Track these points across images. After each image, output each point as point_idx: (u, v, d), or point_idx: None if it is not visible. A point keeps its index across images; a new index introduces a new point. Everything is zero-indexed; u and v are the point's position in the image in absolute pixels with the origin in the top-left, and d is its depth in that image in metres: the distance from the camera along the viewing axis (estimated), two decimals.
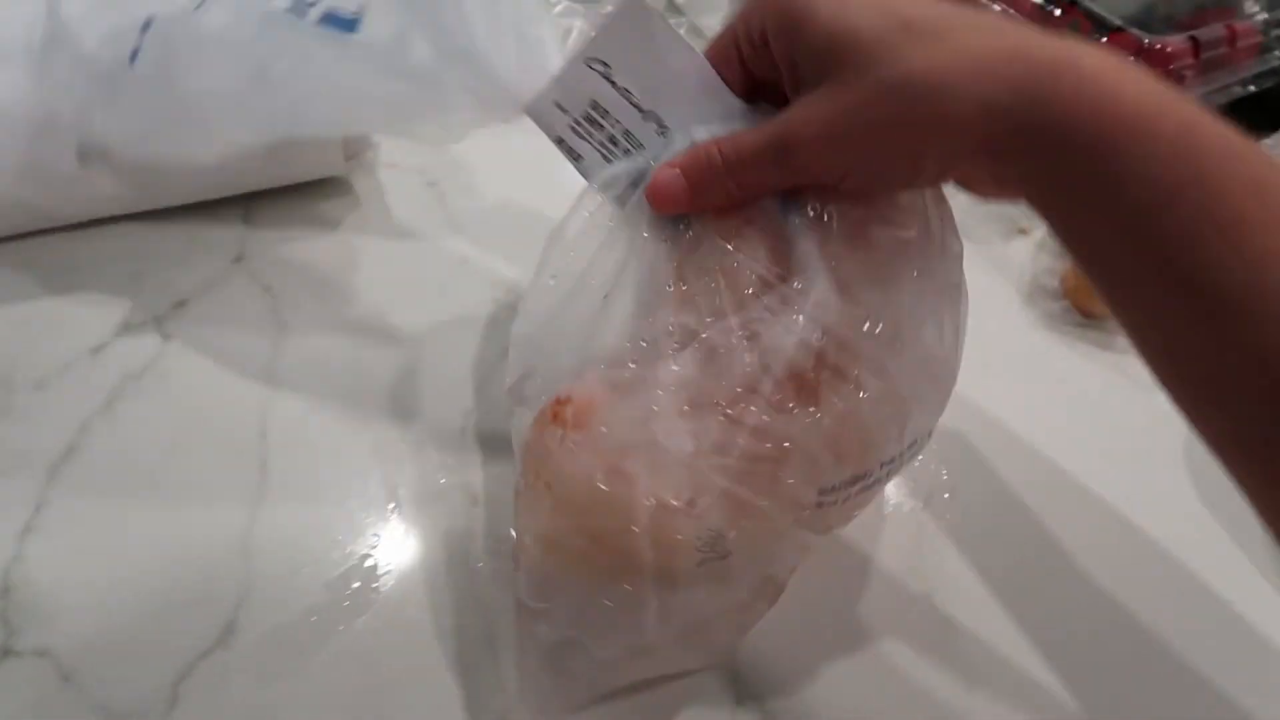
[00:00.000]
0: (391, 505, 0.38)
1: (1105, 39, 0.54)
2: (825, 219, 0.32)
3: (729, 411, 0.31)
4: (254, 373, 0.41)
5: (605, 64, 0.35)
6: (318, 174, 0.48)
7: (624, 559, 0.31)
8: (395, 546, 0.37)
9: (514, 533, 0.33)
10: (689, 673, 0.34)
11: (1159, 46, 0.53)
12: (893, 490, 0.41)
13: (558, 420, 0.33)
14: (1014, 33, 0.27)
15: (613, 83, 0.35)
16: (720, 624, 0.33)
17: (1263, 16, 0.59)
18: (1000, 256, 0.55)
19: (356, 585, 0.36)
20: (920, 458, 0.36)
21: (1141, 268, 0.26)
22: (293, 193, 0.49)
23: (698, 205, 0.32)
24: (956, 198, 0.33)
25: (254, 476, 0.38)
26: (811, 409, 0.31)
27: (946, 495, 0.42)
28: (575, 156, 0.37)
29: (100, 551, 0.35)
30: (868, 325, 0.32)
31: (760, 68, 0.33)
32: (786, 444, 0.31)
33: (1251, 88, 0.58)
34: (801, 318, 0.31)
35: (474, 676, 0.34)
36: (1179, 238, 0.25)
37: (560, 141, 0.37)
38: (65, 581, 0.34)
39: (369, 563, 0.36)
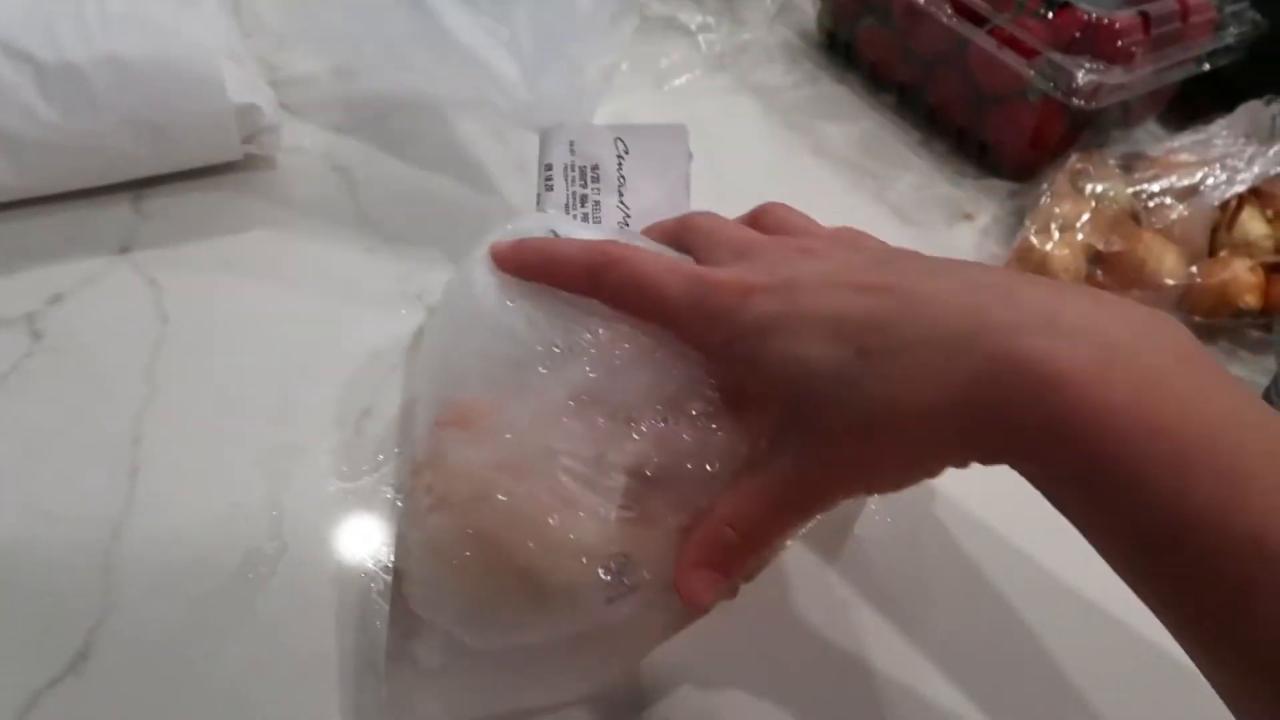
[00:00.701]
0: (274, 514, 0.35)
1: (1052, 14, 0.52)
2: None
3: (625, 419, 0.30)
4: (131, 373, 0.38)
5: (626, 149, 0.40)
6: (212, 158, 0.45)
7: (507, 558, 0.28)
8: (275, 560, 0.34)
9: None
10: (581, 700, 0.31)
11: (1107, 22, 0.51)
12: None
13: (443, 424, 0.31)
14: (973, 329, 0.25)
15: (620, 163, 0.39)
16: (620, 649, 0.31)
17: None
18: (943, 243, 0.52)
19: (228, 604, 0.33)
20: None
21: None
22: (190, 179, 0.46)
23: (734, 577, 0.30)
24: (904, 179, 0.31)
25: (123, 486, 0.35)
26: (714, 427, 0.30)
27: (874, 506, 0.39)
28: (548, 187, 0.40)
29: None
30: None
31: None
32: (689, 465, 0.29)
33: (1206, 65, 0.56)
34: None
35: (357, 705, 0.31)
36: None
37: (548, 168, 0.40)
38: None
39: (247, 577, 0.33)
